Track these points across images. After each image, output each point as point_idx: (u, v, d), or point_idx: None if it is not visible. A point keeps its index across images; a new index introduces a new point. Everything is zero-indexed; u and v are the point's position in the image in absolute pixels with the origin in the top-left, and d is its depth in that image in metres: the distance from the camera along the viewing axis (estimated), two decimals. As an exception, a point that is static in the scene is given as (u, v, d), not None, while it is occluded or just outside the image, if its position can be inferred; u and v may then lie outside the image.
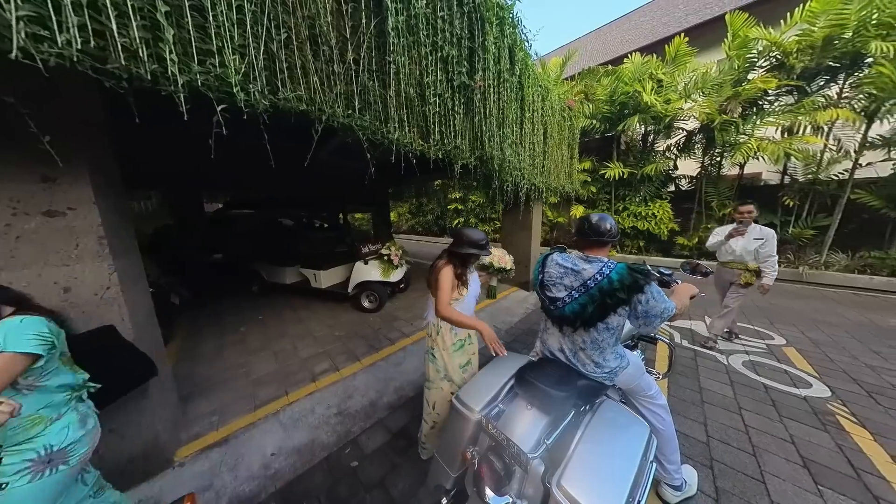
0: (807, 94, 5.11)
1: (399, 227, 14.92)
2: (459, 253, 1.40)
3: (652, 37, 9.05)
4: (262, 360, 2.60)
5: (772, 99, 5.49)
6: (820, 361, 2.51)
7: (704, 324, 3.29)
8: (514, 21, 2.55)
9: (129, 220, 1.50)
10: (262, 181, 5.36)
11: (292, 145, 1.78)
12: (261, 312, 3.82)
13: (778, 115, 5.17)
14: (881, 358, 2.54)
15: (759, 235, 2.53)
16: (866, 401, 2.01)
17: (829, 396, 2.05)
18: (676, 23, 8.80)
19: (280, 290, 4.49)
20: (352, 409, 1.96)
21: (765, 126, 5.30)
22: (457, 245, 1.40)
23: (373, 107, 1.69)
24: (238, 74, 1.18)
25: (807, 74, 4.99)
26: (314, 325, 3.39)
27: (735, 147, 5.47)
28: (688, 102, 6.05)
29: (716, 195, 6.12)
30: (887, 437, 1.68)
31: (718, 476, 1.45)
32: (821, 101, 4.93)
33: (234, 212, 5.68)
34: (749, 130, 5.48)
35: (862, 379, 2.25)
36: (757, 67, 5.47)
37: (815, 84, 5.09)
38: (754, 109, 5.57)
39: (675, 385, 2.19)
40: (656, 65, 6.21)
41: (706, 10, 8.30)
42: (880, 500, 1.33)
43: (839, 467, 1.50)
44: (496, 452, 0.98)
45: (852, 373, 2.33)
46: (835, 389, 2.12)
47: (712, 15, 7.80)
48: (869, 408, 1.94)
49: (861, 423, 1.79)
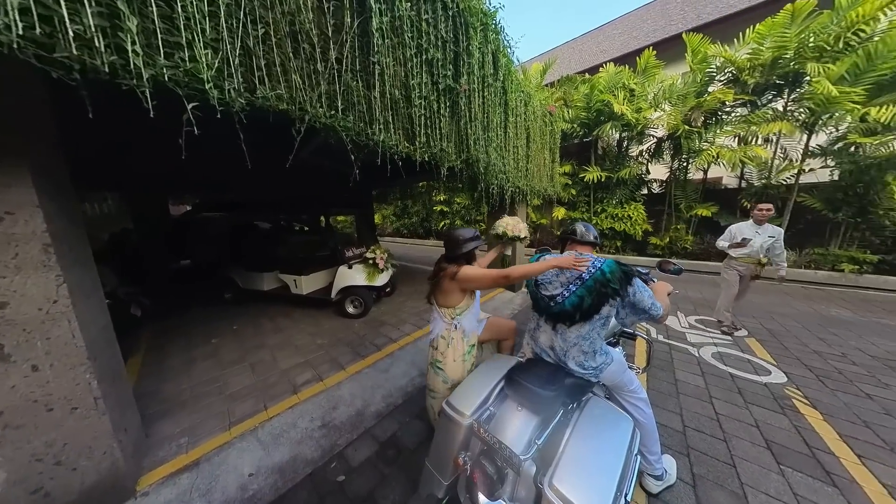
0: (758, 107, 5.65)
1: (384, 230, 14.68)
2: (464, 253, 1.41)
3: (624, 49, 9.61)
4: (238, 374, 2.44)
5: (729, 110, 6.00)
6: (777, 350, 2.74)
7: (677, 318, 3.50)
8: (497, 28, 2.60)
9: (81, 224, 1.36)
10: (237, 182, 5.07)
11: (272, 145, 1.70)
12: (235, 322, 3.59)
13: (734, 126, 5.67)
14: (826, 344, 2.83)
15: (772, 233, 2.83)
16: (816, 384, 2.22)
17: (785, 382, 2.24)
18: (645, 37, 9.41)
19: (257, 298, 4.25)
20: (337, 421, 1.88)
21: (724, 135, 5.78)
22: (457, 246, 1.41)
23: (357, 108, 1.65)
24: (211, 70, 1.10)
25: (757, 89, 5.51)
26: (295, 333, 3.24)
27: (698, 154, 5.93)
28: (657, 111, 6.47)
29: (683, 198, 6.58)
30: (834, 417, 1.87)
31: (695, 463, 1.54)
32: (769, 113, 5.46)
33: (205, 214, 5.33)
34: (710, 138, 5.95)
35: (812, 364, 2.48)
36: (716, 81, 5.96)
37: (764, 98, 5.63)
38: (714, 119, 6.06)
39: (654, 378, 2.30)
40: (628, 75, 6.60)
41: (670, 27, 8.97)
42: (831, 475, 1.46)
43: (796, 447, 1.64)
44: (488, 456, 0.97)
45: (804, 359, 2.57)
46: (790, 375, 2.33)
47: (675, 32, 8.43)
48: (819, 390, 2.14)
49: (813, 405, 1.98)
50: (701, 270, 5.91)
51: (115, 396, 1.39)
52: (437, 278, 1.42)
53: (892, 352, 2.69)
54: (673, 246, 6.60)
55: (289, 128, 1.41)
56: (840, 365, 2.47)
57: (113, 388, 1.39)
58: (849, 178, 4.95)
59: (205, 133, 1.11)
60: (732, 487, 1.40)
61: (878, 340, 2.93)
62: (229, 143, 1.37)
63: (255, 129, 1.29)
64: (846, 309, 3.73)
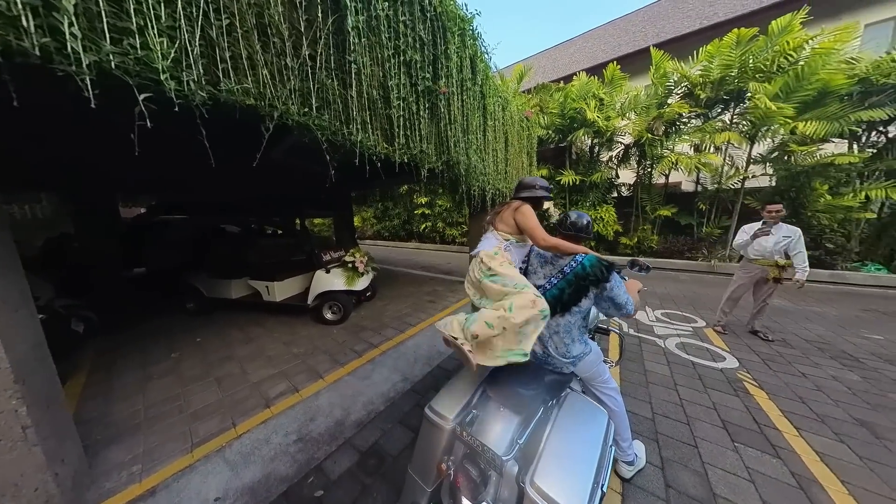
0: (709, 118, 6.25)
1: (364, 233, 14.34)
2: (532, 197, 1.44)
3: (593, 60, 10.21)
4: (202, 390, 2.24)
5: (685, 121, 6.58)
6: (729, 338, 3.01)
7: (645, 313, 3.74)
8: (475, 33, 2.66)
9: (5, 228, 1.18)
10: (201, 182, 4.69)
11: (240, 143, 1.60)
12: (199, 334, 3.31)
13: (690, 135, 6.23)
14: (769, 331, 3.15)
15: (787, 233, 2.67)
16: (762, 367, 2.46)
17: (737, 367, 2.47)
18: (612, 50, 10.08)
19: (224, 307, 3.96)
20: (315, 433, 1.79)
21: (681, 143, 6.33)
22: (527, 189, 1.46)
23: (332, 106, 1.60)
24: (166, 60, 1.01)
25: (709, 103, 6.10)
26: (267, 343, 3.04)
27: (661, 160, 6.44)
28: (624, 120, 6.95)
29: (649, 200, 7.09)
30: (777, 395, 2.08)
31: (663, 447, 1.64)
32: (719, 125, 6.06)
33: (163, 217, 4.89)
34: (670, 146, 6.48)
35: (759, 350, 2.76)
36: (674, 94, 6.52)
37: (714, 111, 6.25)
38: (674, 129, 6.61)
39: (626, 370, 2.43)
40: (598, 86, 7.02)
41: (634, 43, 9.68)
42: (776, 447, 1.63)
43: (748, 425, 1.80)
44: (471, 460, 0.97)
45: (751, 345, 2.84)
46: (741, 360, 2.57)
47: (638, 48, 9.12)
48: (764, 372, 2.38)
49: (760, 386, 2.19)
50: (665, 268, 6.38)
51: (49, 424, 1.22)
52: (500, 208, 1.45)
53: (821, 336, 3.06)
54: (641, 245, 7.07)
55: (258, 125, 1.33)
56: (781, 349, 2.77)
57: (47, 415, 1.22)
58: (783, 183, 5.61)
59: (159, 128, 1.02)
60: (695, 467, 1.51)
61: (810, 325, 3.32)
62: (189, 139, 1.27)
63: (220, 124, 1.21)
64: (785, 300, 4.19)
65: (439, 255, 9.69)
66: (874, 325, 3.33)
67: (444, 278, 5.82)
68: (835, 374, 2.35)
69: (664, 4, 10.69)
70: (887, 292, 4.58)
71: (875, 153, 5.15)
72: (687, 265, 6.29)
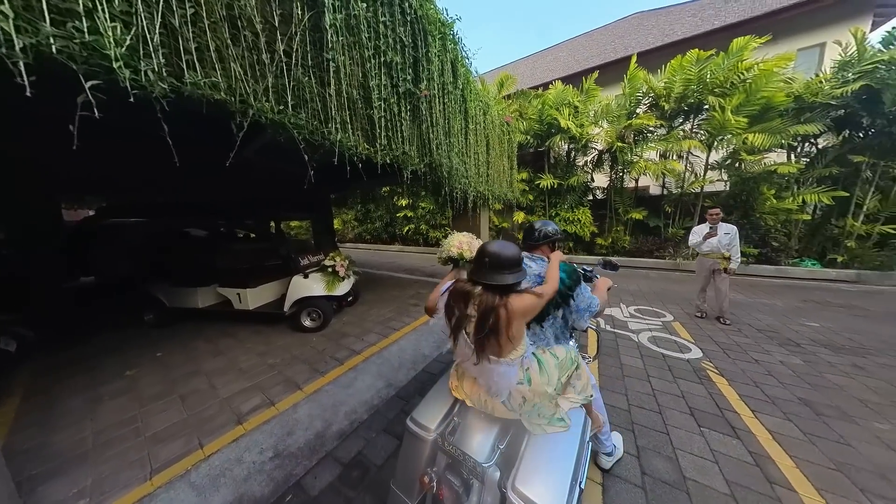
0: (672, 128, 6.78)
1: (344, 236, 13.92)
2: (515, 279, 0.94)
3: (568, 70, 10.73)
4: (163, 410, 2.04)
5: (652, 130, 7.08)
6: (694, 330, 3.26)
7: (620, 309, 3.94)
8: (455, 38, 2.69)
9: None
10: (164, 183, 4.32)
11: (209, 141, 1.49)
12: (159, 348, 3.03)
13: (656, 143, 6.71)
14: (727, 318, 3.44)
15: (727, 231, 3.27)
16: (722, 356, 2.68)
17: (701, 357, 2.67)
18: (586, 61, 10.65)
19: (189, 318, 3.65)
20: (293, 448, 1.69)
21: (649, 150, 6.79)
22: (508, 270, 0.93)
23: (310, 105, 1.54)
24: (120, 47, 0.92)
25: (672, 114, 6.61)
26: (239, 354, 2.85)
27: (631, 165, 6.86)
28: (597, 128, 7.34)
29: (621, 203, 7.52)
30: (735, 381, 2.27)
31: (639, 436, 1.73)
32: (681, 133, 6.58)
33: (115, 221, 4.44)
34: (639, 153, 6.94)
35: (719, 340, 3.00)
36: (642, 104, 7.00)
37: (676, 121, 6.78)
38: (641, 137, 7.08)
39: (604, 364, 2.54)
40: (573, 94, 7.38)
41: (604, 55, 10.31)
42: (735, 429, 1.77)
43: (711, 410, 1.95)
44: (453, 470, 0.96)
45: (713, 336, 3.09)
46: (704, 350, 2.78)
47: (607, 60, 9.71)
48: (724, 360, 2.59)
49: (721, 374, 2.38)
50: (637, 266, 6.78)
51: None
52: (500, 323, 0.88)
53: (769, 325, 3.39)
54: (615, 245, 7.48)
55: (229, 122, 1.25)
56: (737, 338, 3.03)
57: (-33, 450, 1.04)
58: (736, 187, 6.19)
59: (111, 120, 0.92)
60: (667, 453, 1.60)
61: (761, 316, 3.67)
62: (150, 134, 1.16)
63: (185, 120, 1.12)
64: (740, 293, 4.60)
65: (423, 257, 9.63)
66: (812, 314, 3.75)
67: (428, 280, 5.78)
68: (782, 359, 2.61)
69: (631, 21, 11.50)
70: (821, 284, 5.18)
71: (808, 162, 5.85)
72: (656, 264, 6.73)
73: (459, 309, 0.93)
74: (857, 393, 2.11)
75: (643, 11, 11.29)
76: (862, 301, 4.24)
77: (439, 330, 1.35)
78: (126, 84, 0.93)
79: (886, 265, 5.11)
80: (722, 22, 8.04)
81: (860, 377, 2.31)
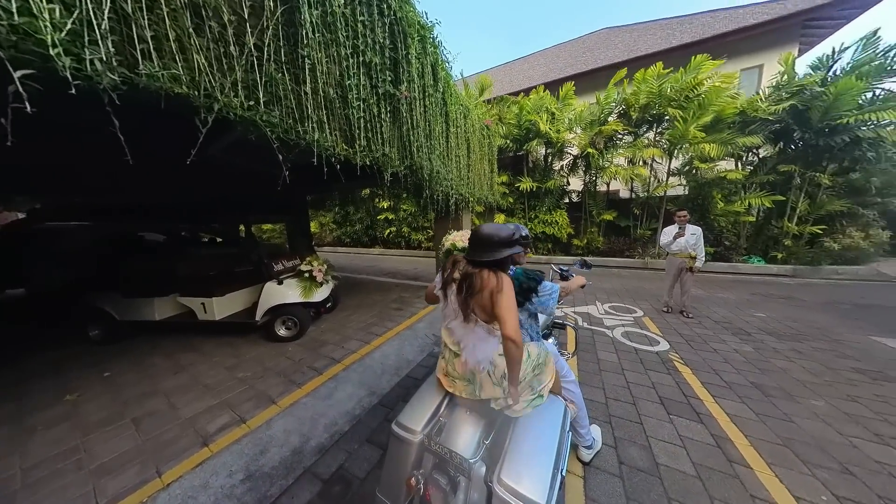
0: (638, 136, 7.30)
1: (322, 240, 13.40)
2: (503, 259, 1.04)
3: (544, 78, 11.20)
4: (112, 437, 1.82)
5: (621, 137, 7.57)
6: (661, 324, 3.50)
7: (595, 307, 4.14)
8: (435, 42, 2.71)
9: None
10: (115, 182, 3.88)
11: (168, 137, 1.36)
12: (107, 367, 2.70)
13: (624, 150, 7.19)
14: (690, 311, 3.74)
15: (693, 231, 3.58)
16: (686, 347, 2.90)
17: (668, 349, 2.87)
18: (560, 70, 11.19)
19: (144, 331, 3.31)
20: (267, 467, 1.58)
21: (619, 156, 7.26)
22: (495, 248, 1.04)
23: (284, 102, 1.47)
24: (60, 32, 0.82)
25: (638, 123, 7.12)
26: (205, 370, 2.62)
27: (603, 170, 7.29)
28: (572, 133, 7.73)
29: (595, 206, 7.95)
30: (698, 370, 2.47)
31: (616, 427, 1.81)
32: (645, 142, 7.10)
33: (50, 224, 3.93)
34: (610, 158, 7.39)
35: (683, 332, 3.25)
36: (612, 113, 7.47)
37: (642, 129, 7.32)
38: (611, 143, 7.55)
39: (582, 360, 2.65)
40: (551, 101, 7.72)
41: (577, 65, 10.89)
42: (699, 414, 1.92)
43: (678, 398, 2.09)
44: (440, 469, 0.96)
45: (678, 329, 3.34)
46: (671, 342, 2.99)
47: (580, 70, 10.28)
48: (688, 351, 2.80)
49: (686, 364, 2.57)
50: (610, 265, 7.18)
51: None
52: (474, 288, 1.00)
53: (724, 317, 3.73)
54: (590, 245, 7.87)
55: (193, 117, 1.16)
56: (698, 330, 3.30)
57: None
58: (693, 192, 6.79)
59: (47, 113, 0.81)
60: (641, 442, 1.69)
61: (717, 309, 4.03)
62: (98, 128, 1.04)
63: (139, 114, 1.01)
64: (700, 289, 5.03)
65: (405, 260, 9.51)
66: (759, 305, 4.18)
67: (410, 284, 5.70)
68: (736, 347, 2.87)
69: (600, 35, 12.28)
70: (765, 279, 5.80)
71: (752, 170, 6.56)
72: (626, 262, 7.17)
73: (450, 270, 1.11)
74: (797, 375, 2.38)
75: (611, 27, 12.10)
76: (798, 293, 4.80)
77: (423, 333, 1.36)
78: (66, 73, 0.82)
79: (816, 261, 5.84)
80: (679, 41, 8.82)
81: (799, 360, 2.61)
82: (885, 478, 1.45)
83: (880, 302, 4.24)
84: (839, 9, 7.26)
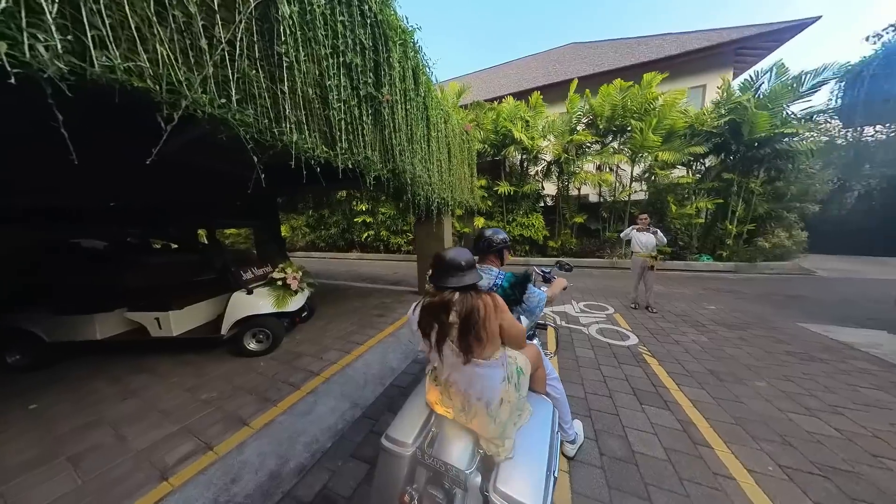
0: (605, 144, 7.89)
1: (294, 244, 12.69)
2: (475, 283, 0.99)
3: (518, 87, 11.67)
4: (42, 480, 1.55)
5: (590, 145, 8.11)
6: (630, 320, 3.77)
7: (572, 306, 4.36)
8: (416, 46, 2.71)
9: None
10: (44, 182, 3.33)
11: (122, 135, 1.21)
12: (33, 398, 2.31)
13: (593, 157, 7.72)
14: (654, 306, 4.08)
15: (653, 232, 3.94)
16: (653, 340, 3.15)
17: (637, 343, 3.09)
18: (533, 80, 11.75)
19: (82, 353, 2.88)
20: (240, 496, 1.44)
21: (587, 163, 7.78)
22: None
23: (259, 101, 1.38)
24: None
25: (604, 132, 7.70)
26: (160, 393, 2.33)
27: (574, 175, 7.76)
28: (545, 141, 8.13)
29: (568, 209, 8.41)
30: (664, 361, 2.69)
31: (595, 421, 1.91)
32: (611, 150, 7.69)
33: None
34: (580, 165, 7.88)
35: (649, 326, 3.53)
36: (581, 122, 7.99)
37: (608, 139, 7.92)
38: (582, 151, 8.06)
39: (562, 358, 2.77)
40: (524, 109, 8.06)
41: (549, 76, 11.52)
42: (667, 402, 2.09)
43: (648, 388, 2.27)
44: (435, 482, 0.93)
45: (644, 324, 3.62)
46: (640, 337, 3.23)
47: (551, 81, 10.89)
48: (654, 344, 3.05)
49: (653, 355, 2.79)
50: (583, 266, 7.61)
51: None
52: (480, 320, 0.90)
53: (683, 310, 4.12)
54: (564, 247, 8.29)
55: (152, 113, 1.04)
56: (662, 324, 3.61)
57: None
58: (652, 197, 7.47)
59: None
60: (618, 433, 1.80)
61: (677, 303, 4.44)
62: (42, 125, 0.89)
63: (82, 107, 0.89)
64: (661, 285, 5.50)
65: (385, 264, 9.31)
66: (710, 298, 4.67)
67: (391, 289, 5.59)
68: (693, 338, 3.18)
69: (568, 49, 13.12)
70: (714, 275, 6.51)
71: (700, 178, 7.37)
72: (597, 263, 7.66)
73: (440, 321, 0.94)
74: (744, 360, 2.68)
75: (577, 43, 12.98)
76: (740, 286, 5.44)
77: (407, 339, 1.33)
78: (2, 59, 0.70)
79: (752, 258, 6.68)
80: (636, 60, 9.69)
81: (745, 347, 2.95)
82: (815, 445, 1.68)
83: (805, 293, 4.95)
84: (762, 41, 8.48)
